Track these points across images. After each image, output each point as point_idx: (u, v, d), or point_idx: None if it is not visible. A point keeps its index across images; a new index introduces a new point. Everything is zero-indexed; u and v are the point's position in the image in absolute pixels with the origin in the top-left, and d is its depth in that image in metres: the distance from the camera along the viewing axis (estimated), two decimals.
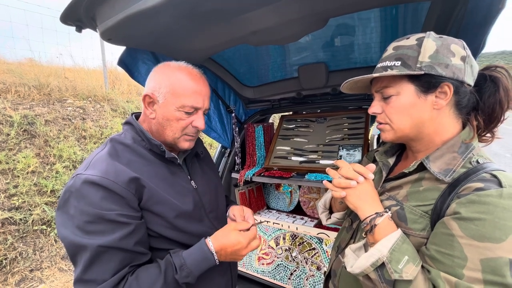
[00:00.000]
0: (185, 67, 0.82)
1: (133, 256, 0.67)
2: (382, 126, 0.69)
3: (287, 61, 1.57)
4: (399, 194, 0.66)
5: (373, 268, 0.56)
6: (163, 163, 0.80)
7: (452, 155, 0.61)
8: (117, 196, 0.66)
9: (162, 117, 0.78)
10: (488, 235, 0.49)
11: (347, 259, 0.63)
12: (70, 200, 0.65)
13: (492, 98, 0.63)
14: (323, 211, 0.90)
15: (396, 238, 0.57)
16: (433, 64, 0.59)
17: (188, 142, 0.83)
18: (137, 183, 0.70)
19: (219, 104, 1.82)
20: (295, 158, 1.74)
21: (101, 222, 0.63)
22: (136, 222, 0.68)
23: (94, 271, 0.63)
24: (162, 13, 0.85)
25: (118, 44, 1.14)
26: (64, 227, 0.65)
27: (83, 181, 0.65)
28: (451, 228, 0.53)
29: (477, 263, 0.49)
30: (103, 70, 4.99)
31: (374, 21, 1.14)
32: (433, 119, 0.63)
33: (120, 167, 0.70)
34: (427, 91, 0.61)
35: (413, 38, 0.63)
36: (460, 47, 0.60)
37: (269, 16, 0.97)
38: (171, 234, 0.76)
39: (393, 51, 0.64)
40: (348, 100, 1.66)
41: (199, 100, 0.78)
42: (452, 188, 0.57)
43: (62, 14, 0.97)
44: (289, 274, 1.50)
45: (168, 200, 0.75)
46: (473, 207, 0.52)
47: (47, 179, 2.90)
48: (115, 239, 0.63)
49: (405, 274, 0.53)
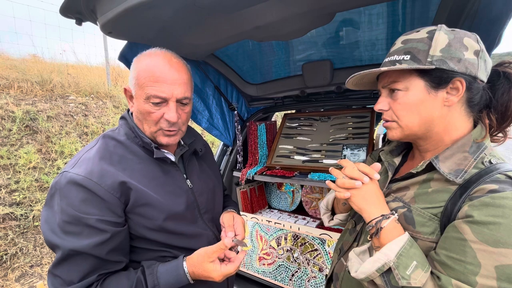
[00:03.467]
0: (154, 53, 0.73)
1: (104, 264, 0.66)
2: (389, 123, 0.65)
3: (291, 58, 1.54)
4: (406, 196, 0.63)
5: (379, 274, 0.54)
6: (155, 161, 0.77)
7: (463, 155, 0.58)
8: (98, 199, 0.64)
9: (137, 111, 0.74)
10: (503, 240, 0.46)
11: (351, 263, 0.60)
12: (54, 197, 0.65)
13: (506, 95, 0.59)
14: (325, 212, 0.87)
15: (403, 242, 0.54)
16: (445, 58, 0.55)
17: (168, 138, 0.75)
18: (123, 186, 0.67)
19: (222, 102, 1.80)
20: (298, 157, 1.71)
21: (78, 225, 0.62)
22: (114, 229, 0.65)
23: (63, 270, 0.63)
24: (162, 5, 0.82)
25: (119, 38, 1.12)
26: (45, 222, 0.65)
27: (67, 179, 0.64)
28: (463, 232, 0.50)
29: (491, 270, 0.46)
30: (106, 67, 4.99)
31: (382, 16, 1.10)
32: (443, 116, 0.59)
33: (106, 168, 0.67)
34: (437, 87, 0.58)
35: (424, 31, 0.60)
36: (474, 41, 0.57)
37: (273, 10, 0.94)
38: (157, 236, 0.73)
39: (402, 44, 0.61)
40: (353, 99, 1.62)
41: (165, 88, 0.69)
42: (464, 189, 0.54)
43: (62, 6, 0.95)
44: (290, 275, 1.47)
45: (157, 201, 0.71)
46: (487, 210, 0.49)
47: (49, 175, 2.90)
48: (88, 244, 0.62)
49: (413, 281, 0.50)
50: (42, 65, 4.32)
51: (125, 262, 0.70)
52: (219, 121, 1.80)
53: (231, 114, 1.87)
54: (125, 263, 0.70)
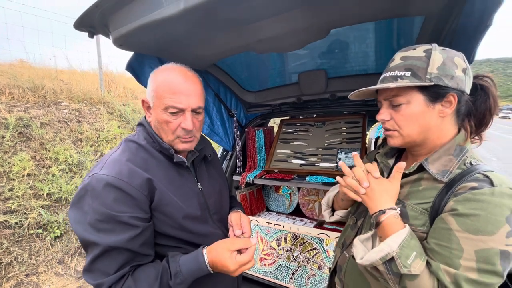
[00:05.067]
0: (169, 67, 0.81)
1: (137, 256, 0.71)
2: (390, 132, 0.72)
3: (288, 67, 1.63)
4: (400, 194, 0.72)
5: (382, 262, 0.61)
6: (172, 165, 0.83)
7: (448, 157, 0.67)
8: (129, 197, 0.69)
9: (155, 121, 0.80)
10: (482, 229, 0.55)
11: (356, 249, 0.68)
12: (85, 198, 0.69)
13: (483, 105, 0.69)
14: (326, 208, 0.95)
15: (405, 235, 0.61)
16: (441, 75, 0.63)
17: (185, 144, 0.81)
18: (150, 184, 0.73)
19: (221, 108, 1.87)
20: (295, 161, 1.79)
21: (112, 222, 0.67)
22: (144, 224, 0.71)
23: (100, 264, 0.67)
24: (176, 22, 0.89)
25: (129, 50, 1.18)
26: (77, 223, 0.69)
27: (99, 181, 0.69)
28: (449, 223, 0.59)
29: (472, 253, 0.55)
30: (99, 73, 4.97)
31: (372, 32, 1.21)
32: (438, 125, 0.68)
33: (134, 169, 0.73)
34: (435, 101, 0.66)
35: (420, 49, 0.67)
36: (461, 60, 0.66)
37: (276, 26, 1.03)
38: (178, 233, 0.79)
39: (401, 61, 0.68)
40: (346, 106, 1.73)
41: (182, 99, 0.75)
42: (449, 187, 0.63)
43: (77, 21, 1.01)
44: (290, 274, 1.54)
45: (175, 202, 0.78)
46: (469, 204, 0.57)
47: (43, 182, 2.87)
48: (123, 239, 0.67)
49: (413, 269, 0.58)
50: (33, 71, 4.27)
51: (152, 255, 0.76)
52: (219, 127, 1.87)
53: (231, 121, 1.95)
54: (153, 256, 0.76)
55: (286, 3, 0.87)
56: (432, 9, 0.92)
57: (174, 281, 0.69)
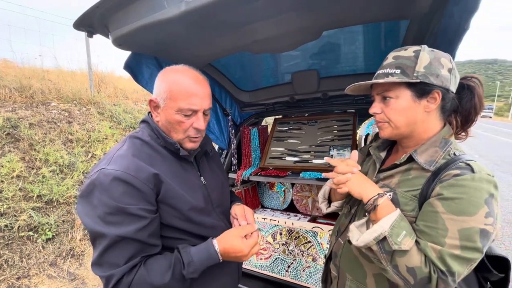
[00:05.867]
0: (182, 69, 0.84)
1: (145, 247, 0.74)
2: (381, 124, 0.79)
3: (281, 67, 1.68)
4: (392, 182, 0.79)
5: (375, 242, 0.67)
6: (176, 159, 0.86)
7: (435, 149, 0.74)
8: (136, 190, 0.72)
9: (165, 120, 0.83)
10: (464, 210, 0.62)
11: (352, 234, 0.73)
12: (94, 192, 0.71)
13: (469, 103, 0.76)
14: (322, 201, 1.01)
15: (396, 216, 0.67)
16: (427, 74, 0.70)
17: (192, 143, 0.86)
18: (156, 178, 0.76)
19: (216, 107, 1.90)
20: (289, 158, 1.85)
21: (120, 214, 0.70)
22: (152, 216, 0.74)
23: (110, 255, 0.70)
24: (176, 24, 0.93)
25: (128, 49, 1.21)
26: (86, 216, 0.72)
27: (106, 175, 0.71)
28: (436, 206, 0.66)
29: (455, 232, 0.62)
30: (89, 73, 4.89)
31: (361, 34, 1.28)
32: (423, 120, 0.75)
33: (140, 163, 0.76)
34: (421, 97, 0.72)
35: (411, 50, 0.73)
36: (448, 61, 0.72)
37: (271, 27, 1.08)
38: (184, 225, 0.83)
39: (393, 60, 0.74)
40: (337, 104, 1.81)
41: (196, 101, 0.80)
42: (435, 175, 0.70)
43: (76, 21, 1.02)
44: (286, 267, 1.59)
45: (181, 195, 0.81)
46: (453, 189, 0.64)
47: (33, 184, 2.81)
48: (131, 230, 0.70)
49: (403, 245, 0.64)
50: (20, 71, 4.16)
51: (160, 246, 0.78)
52: (215, 126, 1.90)
53: (226, 119, 1.98)
54: (160, 247, 0.79)
55: (282, 7, 0.92)
56: (416, 13, 0.99)
57: (187, 270, 0.73)
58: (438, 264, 0.62)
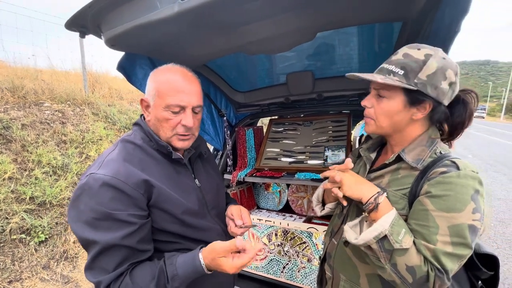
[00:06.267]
0: (170, 67, 0.84)
1: (135, 253, 0.73)
2: (368, 120, 0.80)
3: (276, 68, 1.69)
4: (382, 182, 0.79)
5: (375, 240, 0.67)
6: (169, 162, 0.86)
7: (422, 148, 0.75)
8: (126, 196, 0.71)
9: (154, 119, 0.83)
10: (452, 207, 0.63)
11: (348, 234, 0.74)
12: (81, 197, 0.70)
13: (459, 118, 0.75)
14: (316, 204, 1.01)
15: (394, 215, 0.68)
16: (427, 83, 0.68)
17: (182, 142, 0.84)
18: (146, 184, 0.75)
19: (212, 108, 1.90)
20: (284, 159, 1.85)
21: (109, 220, 0.69)
22: (142, 221, 0.73)
23: (100, 261, 0.69)
24: (170, 24, 0.92)
25: (121, 50, 1.19)
26: (74, 222, 0.71)
27: (96, 180, 0.70)
28: (426, 204, 0.67)
29: (446, 229, 0.63)
30: (83, 73, 4.83)
31: (356, 36, 1.29)
32: (408, 124, 0.76)
33: (130, 169, 0.75)
34: (412, 104, 0.72)
35: (423, 52, 0.70)
36: (453, 74, 0.70)
37: (266, 29, 1.08)
38: (178, 229, 0.82)
39: (402, 57, 0.71)
40: (332, 105, 1.82)
41: (183, 98, 0.79)
42: (423, 173, 0.71)
43: (68, 21, 1.01)
44: (281, 267, 1.59)
45: (174, 198, 0.80)
46: (440, 186, 0.66)
47: (26, 186, 2.77)
48: (120, 236, 0.69)
49: (404, 244, 0.65)
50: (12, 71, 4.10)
51: (151, 251, 0.77)
52: (210, 127, 1.90)
53: (221, 120, 1.98)
54: (151, 252, 0.78)
55: (276, 8, 0.92)
56: (409, 16, 1.00)
57: (171, 285, 0.71)
58: (434, 263, 0.63)
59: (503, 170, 6.99)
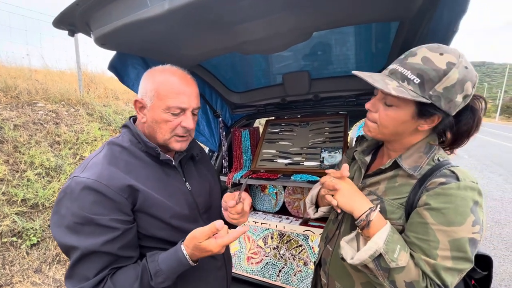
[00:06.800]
0: (169, 69, 0.83)
1: (117, 259, 0.70)
2: (370, 123, 0.75)
3: (272, 68, 1.66)
4: (378, 190, 0.77)
5: (371, 259, 0.64)
6: (158, 165, 0.83)
7: (419, 154, 0.72)
8: (109, 200, 0.68)
9: (152, 120, 0.80)
10: (452, 220, 0.61)
11: (344, 251, 0.71)
12: (63, 201, 0.68)
13: (466, 126, 0.69)
14: (310, 206, 0.98)
15: (388, 230, 0.65)
16: (442, 96, 0.62)
17: (180, 143, 0.83)
18: (131, 188, 0.72)
19: (207, 109, 1.87)
20: (280, 161, 1.83)
21: (91, 225, 0.66)
22: (125, 226, 0.70)
23: (80, 269, 0.67)
24: (161, 22, 0.89)
25: (111, 49, 1.16)
26: (55, 227, 0.68)
27: (78, 183, 0.68)
28: (425, 217, 0.64)
29: (446, 244, 0.61)
30: (78, 73, 4.77)
31: (352, 35, 1.27)
32: (412, 134, 0.73)
33: (115, 172, 0.72)
34: (421, 117, 0.67)
35: (445, 59, 0.61)
36: (471, 86, 0.63)
37: (260, 28, 1.05)
38: (166, 234, 0.79)
39: (421, 62, 0.63)
40: (328, 106, 1.79)
41: (184, 100, 0.79)
42: (421, 182, 0.68)
43: (56, 19, 0.98)
44: (277, 271, 1.57)
45: (162, 202, 0.77)
46: (439, 198, 0.63)
47: (17, 188, 2.72)
48: (102, 242, 0.66)
49: (400, 262, 0.62)
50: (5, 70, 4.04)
51: (136, 257, 0.74)
52: (205, 127, 1.87)
53: (216, 121, 1.95)
54: (136, 258, 0.74)
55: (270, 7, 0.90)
56: (405, 15, 0.98)
57: (155, 281, 0.69)
58: (434, 278, 0.61)
59: (499, 170, 7.03)
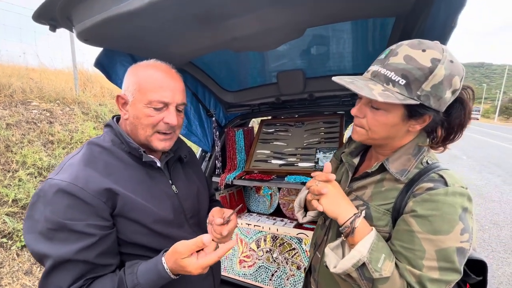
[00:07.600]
0: (153, 63, 0.80)
1: (94, 268, 0.65)
2: (358, 129, 0.71)
3: (266, 67, 1.62)
4: (364, 194, 0.72)
5: (355, 268, 0.61)
6: (142, 166, 0.78)
7: (407, 157, 0.68)
8: (84, 204, 0.64)
9: (133, 116, 0.75)
10: (439, 229, 0.57)
11: (328, 258, 0.67)
12: (37, 205, 0.64)
13: (457, 119, 0.65)
14: (298, 209, 0.94)
15: (373, 238, 0.61)
16: (431, 95, 0.59)
17: (163, 142, 0.78)
18: (109, 191, 0.68)
19: (199, 108, 1.82)
20: (275, 161, 1.79)
21: (65, 231, 0.62)
22: (102, 232, 0.65)
23: (54, 278, 0.62)
24: (143, 16, 0.85)
25: (95, 45, 1.12)
26: (27, 233, 0.64)
27: (52, 186, 0.63)
28: (411, 225, 0.60)
29: (432, 253, 0.57)
30: (73, 71, 4.72)
31: (347, 33, 1.23)
32: (403, 135, 0.69)
33: (92, 174, 0.68)
34: (411, 117, 0.64)
35: (429, 56, 0.58)
36: (459, 80, 0.60)
37: (251, 24, 1.01)
38: (148, 240, 0.74)
39: (403, 61, 0.59)
40: (323, 106, 1.75)
41: (167, 94, 0.74)
42: (408, 187, 0.64)
43: (35, 13, 0.94)
44: (270, 275, 1.52)
45: (143, 206, 0.73)
46: (426, 205, 0.59)
47: (9, 188, 2.67)
48: (76, 249, 0.62)
49: (384, 272, 0.59)
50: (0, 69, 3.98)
51: (115, 265, 0.70)
52: (197, 127, 1.82)
53: (209, 121, 1.90)
54: (116, 265, 0.70)
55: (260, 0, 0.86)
56: (401, 11, 0.94)
57: None
58: None
59: (498, 171, 7.01)
